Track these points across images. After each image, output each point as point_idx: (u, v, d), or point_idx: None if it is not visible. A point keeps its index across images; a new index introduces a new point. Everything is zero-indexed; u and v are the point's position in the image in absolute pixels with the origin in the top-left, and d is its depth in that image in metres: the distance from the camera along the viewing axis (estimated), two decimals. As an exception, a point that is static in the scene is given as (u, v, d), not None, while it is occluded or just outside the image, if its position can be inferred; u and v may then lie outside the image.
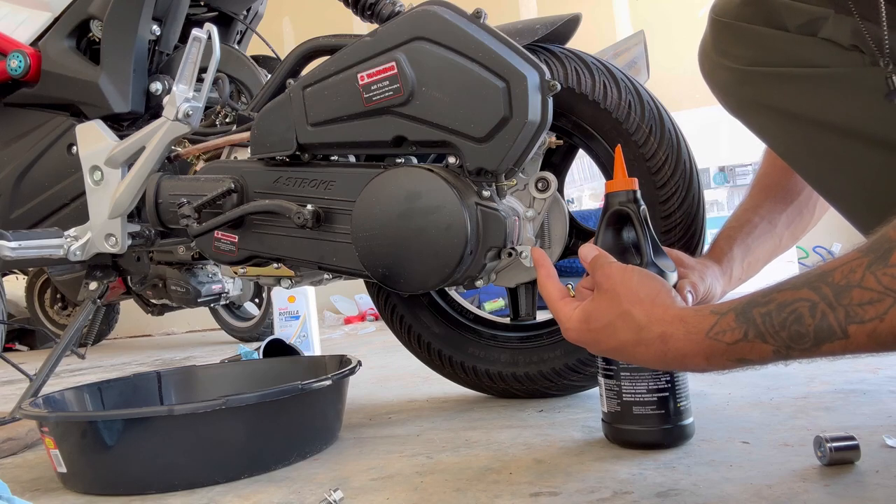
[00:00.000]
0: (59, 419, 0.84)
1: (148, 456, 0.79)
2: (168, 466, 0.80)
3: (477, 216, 0.89)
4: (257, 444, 0.83)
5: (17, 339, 3.76)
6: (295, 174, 1.00)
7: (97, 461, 0.81)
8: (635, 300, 0.64)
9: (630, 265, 0.69)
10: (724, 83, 0.82)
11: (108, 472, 0.81)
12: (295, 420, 0.87)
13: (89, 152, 1.23)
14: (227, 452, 0.82)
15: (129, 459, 0.80)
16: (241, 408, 0.81)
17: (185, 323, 3.88)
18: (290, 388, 0.84)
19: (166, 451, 0.80)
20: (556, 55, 1.01)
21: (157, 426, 0.79)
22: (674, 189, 0.98)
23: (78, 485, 0.84)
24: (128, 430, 0.79)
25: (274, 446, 0.85)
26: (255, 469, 0.83)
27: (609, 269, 0.68)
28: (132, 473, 0.80)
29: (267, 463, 0.84)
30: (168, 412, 0.79)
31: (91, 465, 0.82)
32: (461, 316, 1.19)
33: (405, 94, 0.90)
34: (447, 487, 0.71)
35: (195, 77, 1.11)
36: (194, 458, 0.81)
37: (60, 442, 0.82)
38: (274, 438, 0.84)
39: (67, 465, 0.83)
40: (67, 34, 1.33)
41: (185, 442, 0.80)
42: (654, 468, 0.71)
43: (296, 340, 1.93)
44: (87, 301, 1.34)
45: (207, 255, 1.08)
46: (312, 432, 0.91)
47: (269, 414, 0.83)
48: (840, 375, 1.05)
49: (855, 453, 0.66)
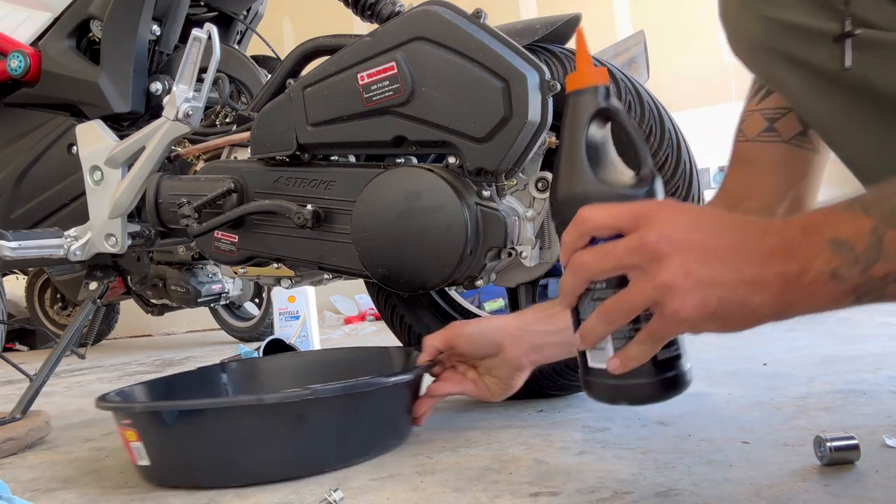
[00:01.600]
0: (146, 409, 0.81)
1: (234, 447, 0.77)
2: (253, 458, 0.77)
3: (477, 216, 0.89)
4: (343, 437, 0.81)
5: (17, 339, 3.76)
6: (295, 174, 1.00)
7: (183, 452, 0.79)
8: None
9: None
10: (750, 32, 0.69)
11: (193, 463, 0.78)
12: (382, 412, 0.85)
13: (89, 152, 1.23)
14: (315, 444, 0.79)
15: (215, 450, 0.77)
16: (333, 398, 0.79)
17: (185, 323, 3.88)
18: (401, 377, 0.83)
19: (252, 441, 0.77)
20: (556, 55, 1.01)
21: (245, 415, 0.76)
22: (674, 189, 0.98)
23: (161, 477, 0.81)
24: (214, 420, 0.77)
25: (358, 440, 0.82)
26: (337, 462, 0.80)
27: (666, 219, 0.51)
28: (217, 465, 0.77)
29: (350, 456, 0.82)
30: (257, 401, 0.77)
31: (177, 456, 0.79)
32: (461, 316, 1.19)
33: (405, 94, 0.90)
34: (447, 487, 0.71)
35: (195, 77, 1.11)
36: (281, 449, 0.78)
37: (146, 433, 0.79)
38: (359, 431, 0.82)
39: (152, 458, 0.79)
40: (67, 34, 1.33)
41: (274, 432, 0.77)
42: (654, 468, 0.71)
43: (296, 340, 1.93)
44: (87, 301, 1.34)
45: (207, 255, 1.08)
46: (394, 426, 0.88)
47: (357, 405, 0.81)
48: (840, 375, 1.05)
49: (855, 453, 0.66)
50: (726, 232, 0.50)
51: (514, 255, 0.99)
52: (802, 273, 0.47)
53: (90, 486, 0.86)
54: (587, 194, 0.56)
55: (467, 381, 0.89)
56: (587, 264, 0.53)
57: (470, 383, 0.89)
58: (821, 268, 0.47)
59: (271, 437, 0.78)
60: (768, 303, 0.49)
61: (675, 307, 0.49)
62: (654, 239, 0.49)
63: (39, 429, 1.14)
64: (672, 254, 0.49)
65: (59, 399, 1.65)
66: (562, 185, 0.58)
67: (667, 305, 0.49)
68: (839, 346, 1.32)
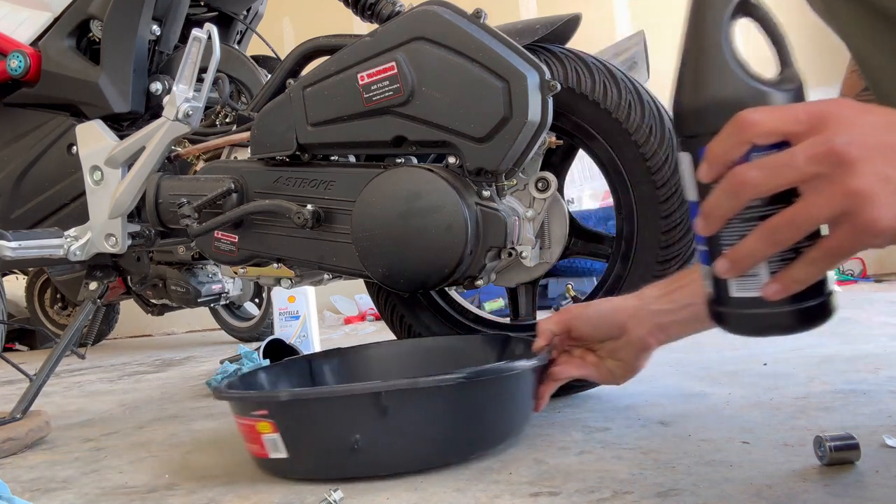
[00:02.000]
0: (293, 397, 0.78)
1: (376, 436, 0.75)
2: (407, 444, 0.75)
3: (477, 216, 0.89)
4: (494, 420, 0.79)
5: (17, 339, 3.75)
6: (295, 174, 1.00)
7: (327, 442, 0.76)
8: None
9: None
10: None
11: (337, 453, 0.75)
12: (523, 397, 0.83)
13: (89, 152, 1.23)
14: (471, 429, 0.78)
15: (369, 438, 0.75)
16: (488, 381, 0.77)
17: (185, 323, 3.88)
18: (535, 361, 0.81)
19: (410, 427, 0.75)
20: (556, 55, 1.01)
21: (402, 399, 0.74)
22: (674, 189, 0.98)
23: (300, 470, 0.78)
24: (354, 408, 0.74)
25: (503, 424, 0.80)
26: (488, 446, 0.79)
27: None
28: (369, 453, 0.75)
29: (497, 440, 0.80)
30: (412, 384, 0.74)
31: (321, 446, 0.76)
32: (461, 316, 1.19)
33: (405, 94, 0.90)
34: (447, 487, 0.71)
35: (195, 77, 1.11)
36: (438, 434, 0.76)
37: (288, 424, 0.76)
38: (507, 414, 0.80)
39: (291, 449, 0.76)
40: (67, 34, 1.33)
41: (430, 417, 0.75)
42: (654, 468, 0.71)
43: (296, 340, 1.93)
44: (87, 301, 1.34)
45: (207, 255, 1.08)
46: (527, 411, 0.85)
47: (507, 389, 0.79)
48: (840, 375, 1.05)
49: (855, 453, 0.66)
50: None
51: (514, 255, 0.99)
52: None
53: (90, 486, 0.86)
54: (739, 95, 0.47)
55: (588, 364, 0.85)
56: (755, 180, 0.45)
57: (591, 367, 0.85)
58: None
59: (429, 423, 0.75)
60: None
61: (874, 216, 0.42)
62: (844, 142, 0.43)
63: (39, 429, 1.14)
64: (866, 158, 0.42)
65: (59, 399, 1.65)
66: (703, 87, 0.49)
67: (862, 215, 0.43)
68: (839, 346, 1.32)
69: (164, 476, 0.87)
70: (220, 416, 1.24)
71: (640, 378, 0.85)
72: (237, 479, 0.83)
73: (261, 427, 0.77)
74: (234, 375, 1.48)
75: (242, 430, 0.81)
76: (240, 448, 0.97)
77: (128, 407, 1.45)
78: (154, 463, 0.95)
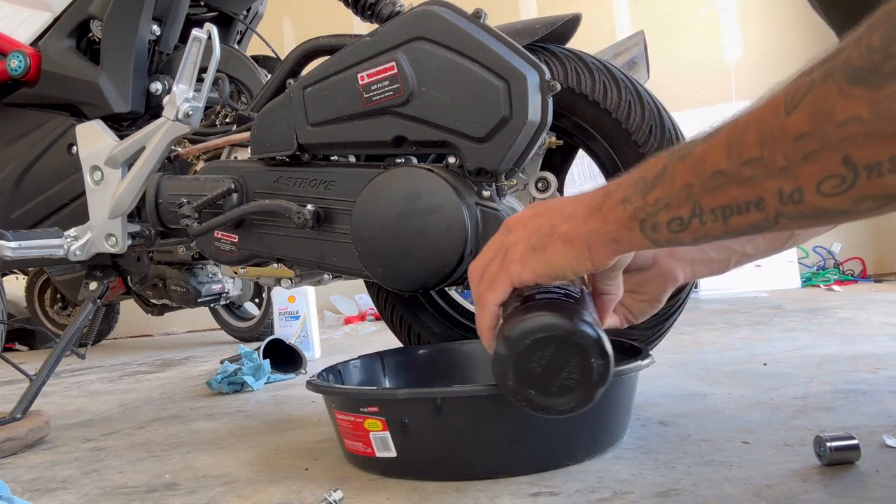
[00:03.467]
0: (413, 395, 0.75)
1: (487, 435, 0.73)
2: (527, 443, 0.73)
3: (477, 216, 0.89)
4: (616, 415, 0.78)
5: (17, 339, 3.75)
6: (295, 174, 1.00)
7: (452, 441, 0.74)
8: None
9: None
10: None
11: (446, 453, 0.74)
12: (619, 403, 0.80)
13: (89, 152, 1.23)
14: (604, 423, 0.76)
15: (489, 437, 0.73)
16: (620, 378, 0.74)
17: (185, 323, 3.88)
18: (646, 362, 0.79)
19: (533, 426, 0.72)
20: (556, 55, 1.01)
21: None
22: (674, 189, 0.98)
23: (411, 470, 0.76)
24: (475, 407, 0.72)
25: (603, 431, 0.78)
26: (607, 445, 0.78)
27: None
28: (488, 453, 0.73)
29: (597, 449, 0.77)
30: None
31: (434, 446, 0.74)
32: (461, 316, 1.19)
33: (405, 94, 0.90)
34: (447, 487, 0.71)
35: (195, 77, 1.11)
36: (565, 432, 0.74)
37: (401, 422, 0.73)
38: (609, 421, 0.78)
39: (402, 449, 0.74)
40: (67, 34, 1.33)
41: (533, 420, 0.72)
42: (654, 468, 0.71)
43: (296, 340, 1.93)
44: (87, 301, 1.34)
45: (207, 255, 1.08)
46: (624, 419, 0.83)
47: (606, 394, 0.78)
48: (840, 375, 1.05)
49: (855, 453, 0.66)
50: (563, 200, 0.62)
51: (514, 255, 0.99)
52: (605, 200, 0.56)
53: (90, 486, 0.86)
54: None
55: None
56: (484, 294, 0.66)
57: (612, 315, 0.81)
58: (618, 194, 0.55)
59: (555, 422, 0.72)
60: (574, 228, 0.58)
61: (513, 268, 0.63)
62: (509, 227, 0.65)
63: (39, 429, 1.14)
64: (516, 228, 0.63)
65: (59, 399, 1.65)
66: None
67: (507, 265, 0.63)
68: (839, 346, 1.32)
69: (164, 476, 0.87)
70: (220, 416, 1.24)
71: (641, 378, 0.85)
72: (237, 479, 0.83)
73: (371, 424, 0.75)
74: (234, 375, 1.48)
75: (344, 427, 0.78)
76: (240, 448, 0.97)
77: (128, 407, 1.45)
78: (154, 463, 0.95)
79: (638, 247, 0.56)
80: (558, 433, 0.74)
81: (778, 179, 0.43)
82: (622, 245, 0.57)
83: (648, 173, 0.53)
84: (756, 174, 0.44)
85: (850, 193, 0.40)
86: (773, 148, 0.43)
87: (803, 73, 0.42)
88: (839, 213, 0.42)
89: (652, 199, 0.52)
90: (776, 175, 0.43)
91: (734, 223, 0.47)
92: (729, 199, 0.47)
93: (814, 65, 0.42)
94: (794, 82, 0.42)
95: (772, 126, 0.43)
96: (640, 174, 0.54)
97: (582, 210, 0.58)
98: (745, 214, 0.46)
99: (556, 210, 0.61)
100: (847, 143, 0.39)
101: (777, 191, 0.44)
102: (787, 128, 0.42)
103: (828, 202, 0.42)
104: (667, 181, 0.51)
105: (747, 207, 0.46)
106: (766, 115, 0.44)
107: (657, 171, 0.52)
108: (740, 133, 0.45)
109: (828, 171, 0.41)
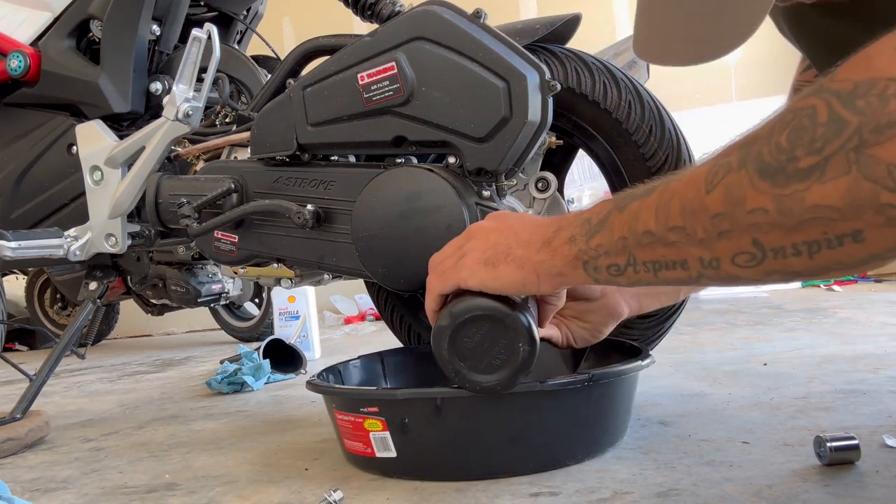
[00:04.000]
0: (413, 395, 0.74)
1: (487, 435, 0.73)
2: (530, 444, 0.73)
3: (477, 216, 0.89)
4: (594, 428, 0.77)
5: (17, 339, 3.75)
6: (295, 174, 1.00)
7: (440, 441, 0.74)
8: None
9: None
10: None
11: (446, 453, 0.74)
12: (619, 403, 0.80)
13: (89, 152, 1.23)
14: (604, 423, 0.77)
15: (490, 438, 0.73)
16: (604, 384, 0.75)
17: (185, 323, 3.88)
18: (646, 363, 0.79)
19: (535, 426, 0.72)
20: (556, 55, 1.01)
21: (530, 399, 0.71)
22: (674, 189, 0.98)
23: (411, 470, 0.76)
24: (475, 407, 0.72)
25: (603, 431, 0.78)
26: (582, 455, 0.76)
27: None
28: (490, 453, 0.73)
29: (597, 449, 0.78)
30: (563, 385, 0.72)
31: (434, 446, 0.74)
32: (461, 316, 1.19)
33: (405, 94, 0.90)
34: (447, 487, 0.71)
35: (195, 77, 1.11)
36: (566, 431, 0.74)
37: (404, 422, 0.73)
38: (609, 421, 0.78)
39: (401, 449, 0.74)
40: (67, 34, 1.33)
41: (556, 416, 0.73)
42: (654, 468, 0.71)
43: (296, 340, 1.93)
44: (87, 301, 1.34)
45: (207, 255, 1.08)
46: (624, 419, 0.83)
47: (606, 394, 0.77)
48: (840, 375, 1.05)
49: (855, 453, 0.66)
50: (522, 221, 0.66)
51: (514, 255, 0.99)
52: (556, 236, 0.61)
53: (90, 486, 0.86)
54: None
55: (551, 325, 0.84)
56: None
57: (553, 328, 0.84)
58: (567, 232, 0.60)
59: (555, 422, 0.73)
60: (527, 255, 0.62)
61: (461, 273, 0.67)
62: (468, 236, 0.70)
63: (39, 429, 1.14)
64: (474, 237, 0.68)
65: (59, 399, 1.65)
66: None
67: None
68: (839, 346, 1.32)
69: (163, 476, 0.87)
70: (220, 416, 1.24)
71: (641, 378, 0.85)
72: (237, 479, 0.83)
73: (371, 424, 0.75)
74: (234, 375, 1.48)
75: (344, 427, 0.78)
76: (240, 448, 0.97)
77: (128, 407, 1.45)
78: (154, 463, 0.95)
79: (582, 282, 0.61)
80: (558, 433, 0.74)
81: (698, 248, 0.48)
82: (567, 279, 0.62)
83: (595, 217, 0.57)
84: (680, 240, 0.49)
85: (759, 268, 0.45)
86: (694, 220, 0.47)
87: (724, 152, 0.47)
88: (752, 281, 0.47)
89: (594, 244, 0.57)
90: (697, 244, 0.48)
91: (663, 276, 0.52)
92: (658, 256, 0.51)
93: (734, 145, 0.46)
94: (716, 162, 0.47)
95: (693, 201, 0.47)
96: (588, 216, 0.58)
97: (536, 239, 0.63)
98: (672, 270, 0.51)
99: (514, 231, 0.65)
100: (754, 228, 0.44)
101: (698, 257, 0.48)
102: (707, 205, 0.46)
103: (741, 272, 0.47)
104: (607, 230, 0.56)
105: (674, 265, 0.51)
106: (688, 191, 0.48)
107: (601, 216, 0.57)
108: (667, 200, 0.50)
109: (739, 248, 0.45)
